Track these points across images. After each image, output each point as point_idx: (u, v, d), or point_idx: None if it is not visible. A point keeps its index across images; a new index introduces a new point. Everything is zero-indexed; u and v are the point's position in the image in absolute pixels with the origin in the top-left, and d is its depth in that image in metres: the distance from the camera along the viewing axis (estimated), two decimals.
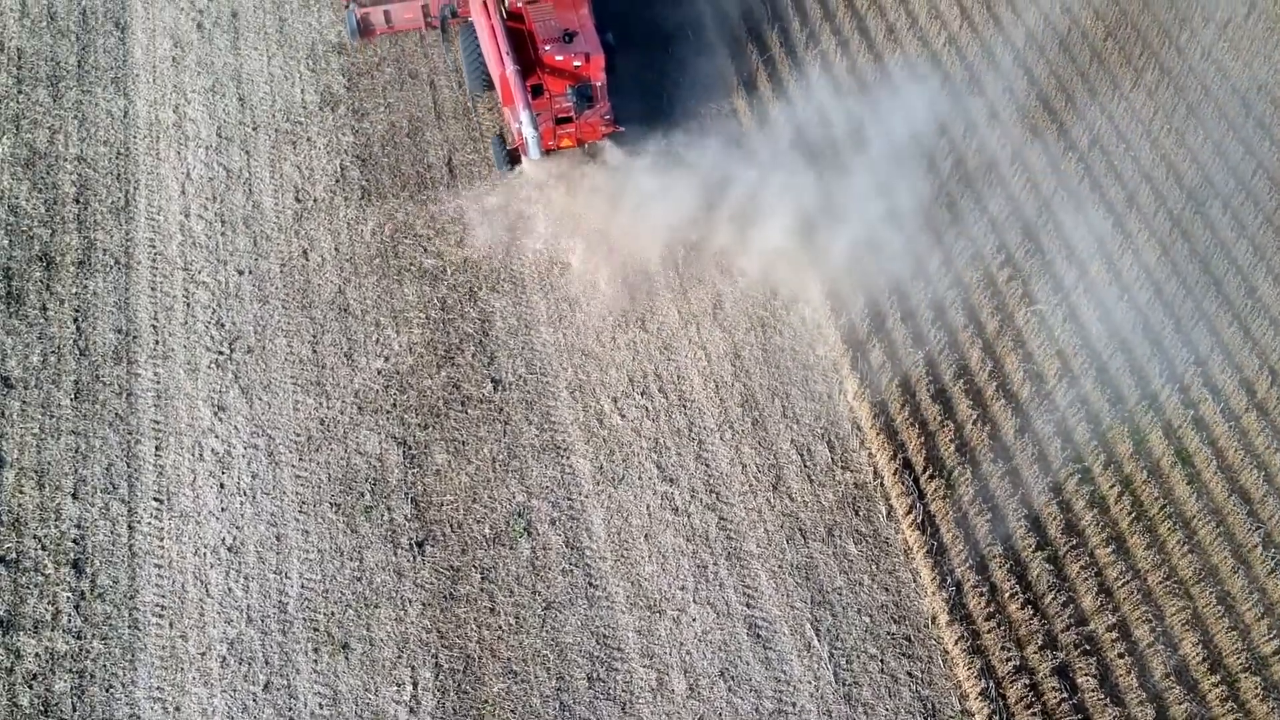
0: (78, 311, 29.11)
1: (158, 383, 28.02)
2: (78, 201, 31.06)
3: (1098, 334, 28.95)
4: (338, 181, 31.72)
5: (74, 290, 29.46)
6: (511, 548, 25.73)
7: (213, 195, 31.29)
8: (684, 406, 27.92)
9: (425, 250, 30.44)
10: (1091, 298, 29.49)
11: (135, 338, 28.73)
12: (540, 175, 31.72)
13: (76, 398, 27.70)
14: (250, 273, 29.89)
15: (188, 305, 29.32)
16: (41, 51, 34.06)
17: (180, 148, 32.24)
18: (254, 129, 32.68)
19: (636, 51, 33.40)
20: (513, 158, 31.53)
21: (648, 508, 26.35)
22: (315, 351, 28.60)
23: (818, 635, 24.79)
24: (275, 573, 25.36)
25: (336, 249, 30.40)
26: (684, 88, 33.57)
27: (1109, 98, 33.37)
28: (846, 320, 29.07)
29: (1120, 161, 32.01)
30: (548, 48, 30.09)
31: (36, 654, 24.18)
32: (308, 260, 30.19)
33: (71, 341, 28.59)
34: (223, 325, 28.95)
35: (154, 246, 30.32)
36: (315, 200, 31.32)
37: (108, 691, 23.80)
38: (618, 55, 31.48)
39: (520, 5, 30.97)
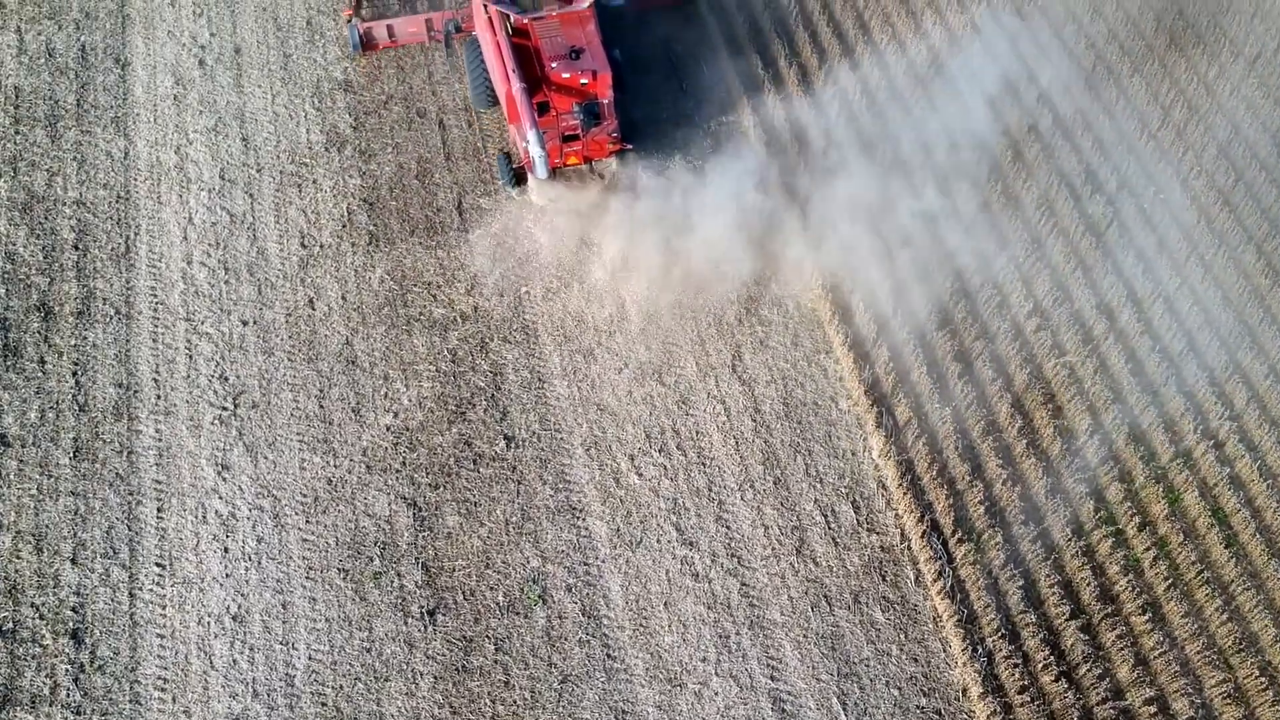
0: (77, 365, 28.20)
1: (159, 440, 27.12)
2: (77, 248, 30.17)
3: (1129, 387, 28.04)
4: (344, 226, 30.82)
5: (73, 342, 28.55)
6: (526, 616, 24.82)
7: (216, 241, 30.38)
8: (703, 464, 27.02)
9: (435, 299, 29.53)
10: (1122, 348, 28.60)
11: (136, 392, 27.83)
12: (550, 212, 30.86)
13: (75, 456, 26.80)
14: (255, 323, 28.98)
15: (190, 358, 28.41)
16: (39, 90, 33.16)
17: (182, 191, 31.33)
18: (258, 171, 31.77)
19: (646, 81, 32.64)
20: (519, 176, 30.95)
21: (667, 573, 25.45)
22: (322, 407, 27.70)
23: (845, 710, 23.89)
24: (282, 643, 24.45)
25: (343, 298, 29.50)
26: (699, 119, 32.74)
27: (1137, 136, 32.44)
28: (870, 373, 28.16)
29: (1150, 205, 31.10)
30: (554, 65, 29.58)
31: None
32: (314, 310, 29.28)
33: (70, 396, 27.69)
34: (226, 379, 28.05)
35: (155, 295, 29.42)
36: (321, 246, 30.42)
37: None
38: (625, 72, 31.09)
39: (526, 21, 30.40)
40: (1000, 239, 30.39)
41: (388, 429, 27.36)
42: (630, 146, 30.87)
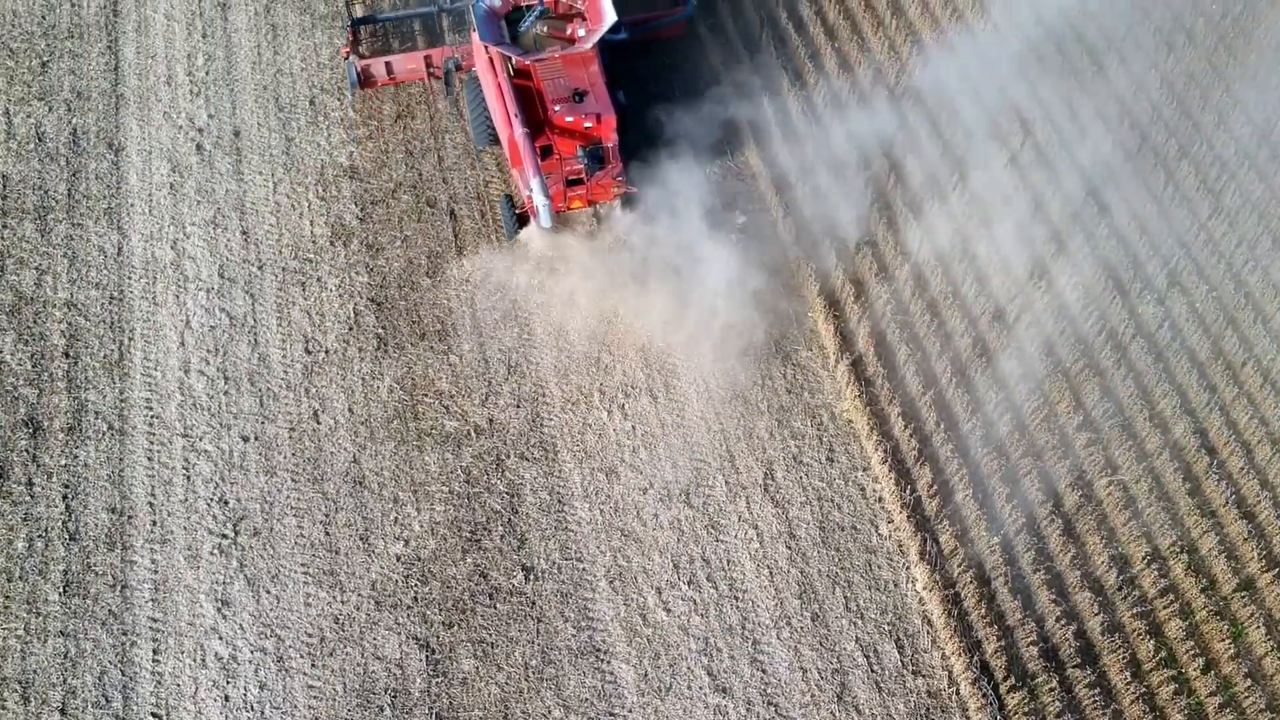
0: (67, 487, 26.50)
1: (155, 572, 25.42)
2: (67, 355, 28.45)
3: (1187, 508, 26.36)
4: (351, 329, 29.11)
5: (63, 462, 26.85)
6: None
7: (214, 347, 28.67)
8: (735, 598, 25.32)
9: (447, 410, 27.83)
10: (1178, 465, 26.90)
11: (130, 518, 26.12)
12: (566, 305, 29.28)
13: (65, 591, 25.11)
14: (256, 439, 27.28)
15: (188, 478, 26.71)
16: (29, 178, 31.42)
17: (179, 291, 29.62)
18: (259, 268, 30.06)
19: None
20: (521, 221, 30.03)
21: None
22: (328, 534, 26.00)
23: None
24: None
25: (350, 410, 27.79)
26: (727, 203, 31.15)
27: (1187, 226, 30.74)
28: (912, 495, 26.46)
29: (1203, 304, 29.38)
30: (557, 108, 28.60)
31: None
32: (319, 424, 27.58)
33: (60, 523, 25.99)
34: (226, 503, 26.34)
35: (150, 408, 27.71)
36: (327, 352, 28.70)
37: None
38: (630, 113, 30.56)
39: (528, 63, 29.30)
40: (1045, 344, 28.68)
41: (398, 559, 25.66)
42: (635, 189, 29.87)
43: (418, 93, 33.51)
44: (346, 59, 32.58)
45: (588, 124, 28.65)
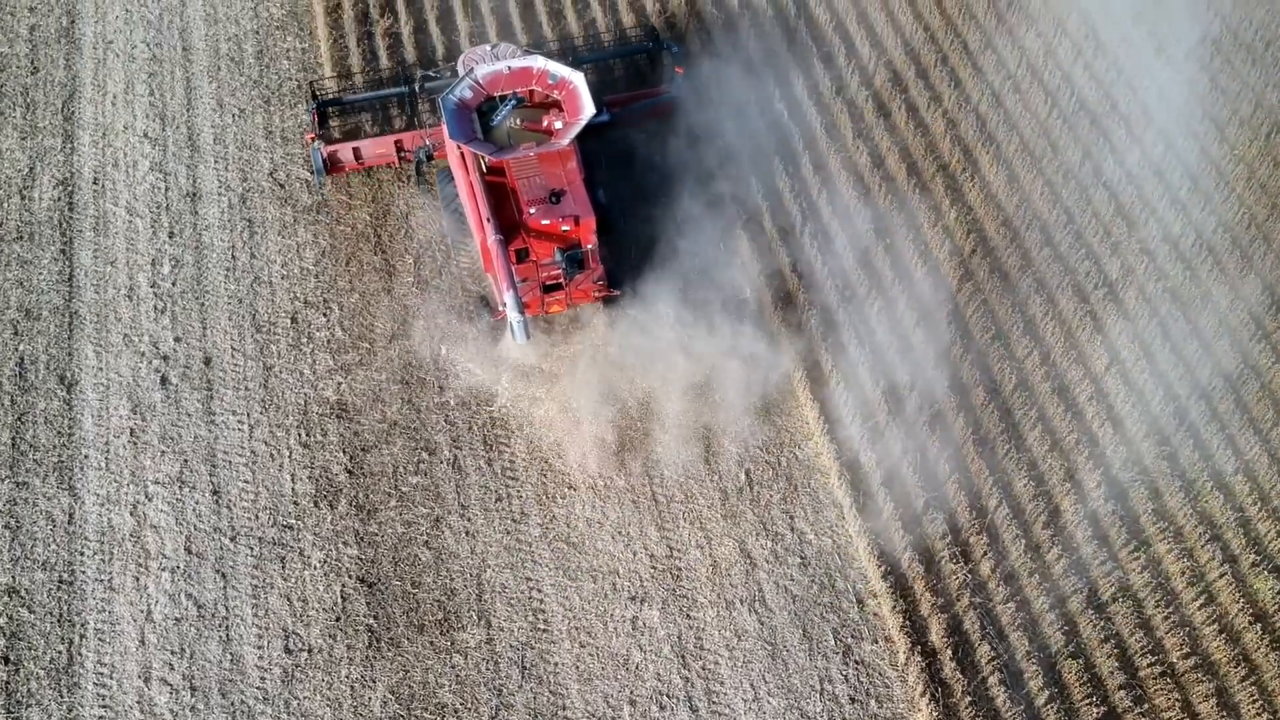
0: None
1: None
2: (7, 661, 24.37)
3: None
4: (338, 619, 25.02)
5: None
6: None
7: (179, 646, 24.58)
8: None
9: None
10: None
11: None
12: (593, 594, 25.32)
13: None
14: None
15: None
16: None
17: (139, 571, 25.52)
18: (232, 539, 25.96)
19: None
20: (500, 328, 27.70)
21: None
22: None
23: None
24: None
25: None
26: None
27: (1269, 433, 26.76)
28: None
29: None
30: (532, 210, 26.40)
31: None
32: None
33: None
34: None
35: None
36: (310, 651, 24.61)
37: None
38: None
39: (501, 160, 27.17)
40: (1147, 631, 24.62)
41: None
42: (619, 293, 27.78)
43: (415, 304, 29.41)
44: (312, 144, 30.33)
45: (565, 227, 26.54)
